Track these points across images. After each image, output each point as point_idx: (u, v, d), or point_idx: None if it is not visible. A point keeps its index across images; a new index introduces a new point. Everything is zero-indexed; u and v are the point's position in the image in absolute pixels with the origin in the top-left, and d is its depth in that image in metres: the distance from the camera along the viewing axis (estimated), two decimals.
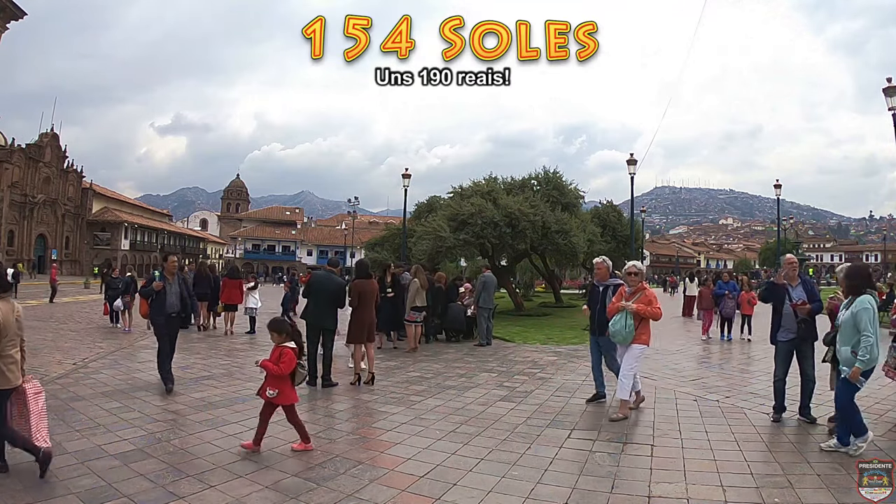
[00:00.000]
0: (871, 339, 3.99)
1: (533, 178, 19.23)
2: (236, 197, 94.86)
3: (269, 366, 4.10)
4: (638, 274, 5.53)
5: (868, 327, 4.01)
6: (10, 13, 35.33)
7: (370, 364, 6.74)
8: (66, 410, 5.03)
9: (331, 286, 6.63)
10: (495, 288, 11.36)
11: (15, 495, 3.22)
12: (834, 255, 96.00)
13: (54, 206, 45.88)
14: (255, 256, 65.89)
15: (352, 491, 3.44)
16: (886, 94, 11.14)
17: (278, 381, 4.10)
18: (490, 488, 3.51)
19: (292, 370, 4.17)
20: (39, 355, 8.05)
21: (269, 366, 4.10)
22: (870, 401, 5.56)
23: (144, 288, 6.36)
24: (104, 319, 12.49)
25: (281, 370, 4.07)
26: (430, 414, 5.33)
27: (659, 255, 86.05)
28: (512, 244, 15.72)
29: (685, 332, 13.39)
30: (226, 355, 8.58)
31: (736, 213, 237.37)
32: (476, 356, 9.08)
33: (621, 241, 21.66)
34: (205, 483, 3.50)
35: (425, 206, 21.24)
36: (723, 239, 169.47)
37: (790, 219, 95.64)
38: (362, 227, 62.30)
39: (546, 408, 5.61)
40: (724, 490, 3.49)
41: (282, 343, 4.19)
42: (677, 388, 6.56)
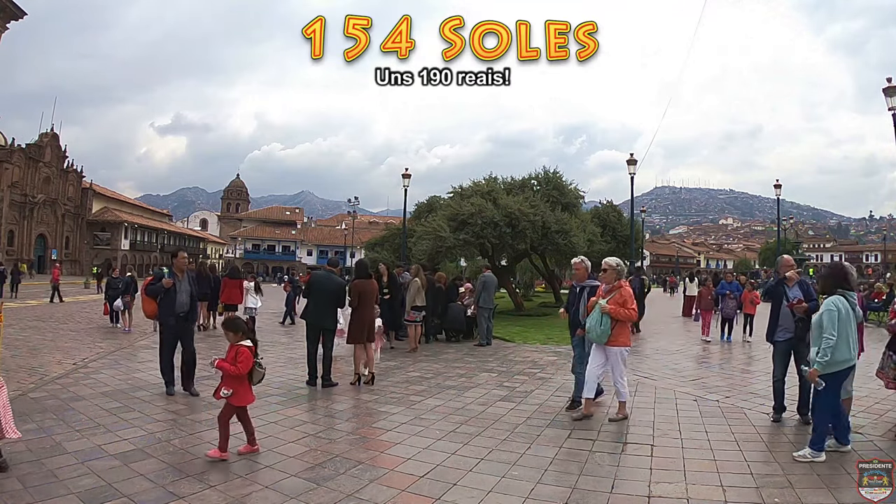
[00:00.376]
0: (830, 342, 3.91)
1: (533, 178, 19.24)
2: (236, 197, 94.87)
3: (226, 366, 3.95)
4: (610, 270, 5.26)
5: (829, 329, 3.93)
6: (10, 13, 35.33)
7: (370, 364, 6.75)
8: (66, 410, 5.03)
9: (331, 286, 6.63)
10: (495, 288, 11.36)
11: (15, 495, 3.22)
12: (834, 256, 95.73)
13: (54, 206, 45.88)
14: (255, 256, 65.94)
15: (352, 491, 3.44)
16: (886, 94, 11.15)
17: (234, 382, 3.96)
18: (490, 488, 3.51)
19: (249, 370, 4.03)
20: (39, 355, 8.05)
21: (226, 366, 3.95)
22: (870, 401, 5.57)
23: (152, 285, 5.86)
24: (104, 319, 12.49)
25: (238, 370, 3.93)
26: (430, 414, 5.33)
27: (659, 255, 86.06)
28: (512, 244, 15.72)
29: (685, 332, 13.39)
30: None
31: (736, 213, 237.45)
32: (476, 356, 9.08)
33: (621, 241, 21.66)
34: (205, 483, 3.50)
35: (425, 206, 21.25)
36: (723, 239, 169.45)
37: (790, 219, 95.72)
38: (362, 227, 62.32)
39: (546, 408, 5.61)
40: (724, 490, 3.48)
41: (237, 342, 4.05)
42: (677, 388, 6.56)
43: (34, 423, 4.58)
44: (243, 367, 3.97)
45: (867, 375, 5.84)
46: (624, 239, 21.39)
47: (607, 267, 5.28)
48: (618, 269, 5.28)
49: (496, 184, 18.13)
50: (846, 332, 3.98)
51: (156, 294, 5.79)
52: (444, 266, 18.26)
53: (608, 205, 24.02)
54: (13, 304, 16.03)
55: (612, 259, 5.42)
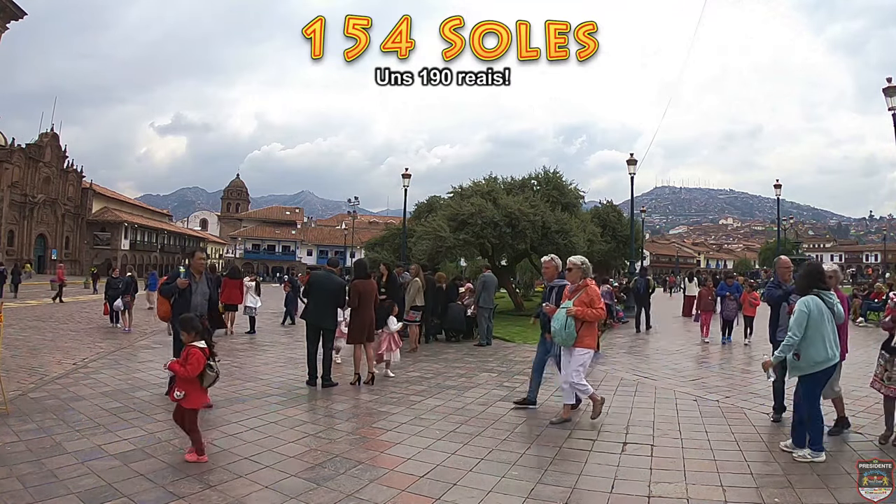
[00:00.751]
0: (792, 340, 3.99)
1: (533, 178, 19.25)
2: (236, 197, 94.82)
3: (175, 367, 3.90)
4: (575, 269, 5.08)
5: (794, 328, 4.01)
6: (10, 13, 35.35)
7: (370, 364, 6.75)
8: (66, 410, 5.03)
9: (331, 286, 6.63)
10: (495, 288, 11.36)
11: (15, 495, 3.22)
12: (834, 255, 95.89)
13: (54, 205, 45.89)
14: (255, 256, 65.93)
15: (352, 491, 3.44)
16: (886, 94, 11.12)
17: (185, 383, 3.88)
18: (490, 488, 3.51)
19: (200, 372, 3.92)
20: (39, 355, 8.06)
21: (175, 367, 3.90)
22: (870, 401, 5.57)
23: (167, 285, 5.58)
24: (104, 319, 12.51)
25: (187, 372, 3.85)
26: (430, 414, 5.33)
27: (659, 255, 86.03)
28: (512, 244, 15.73)
29: (685, 332, 13.39)
30: (226, 355, 8.57)
31: (736, 213, 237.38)
32: (476, 356, 9.08)
33: (621, 241, 21.68)
34: (205, 483, 3.50)
35: (425, 206, 21.26)
36: (723, 239, 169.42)
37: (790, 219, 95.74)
38: (362, 227, 62.32)
39: (546, 408, 5.61)
40: (724, 490, 3.48)
41: (190, 342, 3.98)
42: (677, 388, 6.56)
43: (34, 423, 4.59)
44: (192, 369, 3.87)
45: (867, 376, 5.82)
46: (624, 239, 21.39)
47: (571, 265, 5.12)
48: (583, 267, 5.12)
49: (496, 184, 18.14)
50: (821, 333, 4.01)
51: (170, 294, 5.48)
52: (444, 266, 18.26)
53: (608, 205, 24.05)
54: (13, 304, 16.03)
55: (576, 257, 5.25)
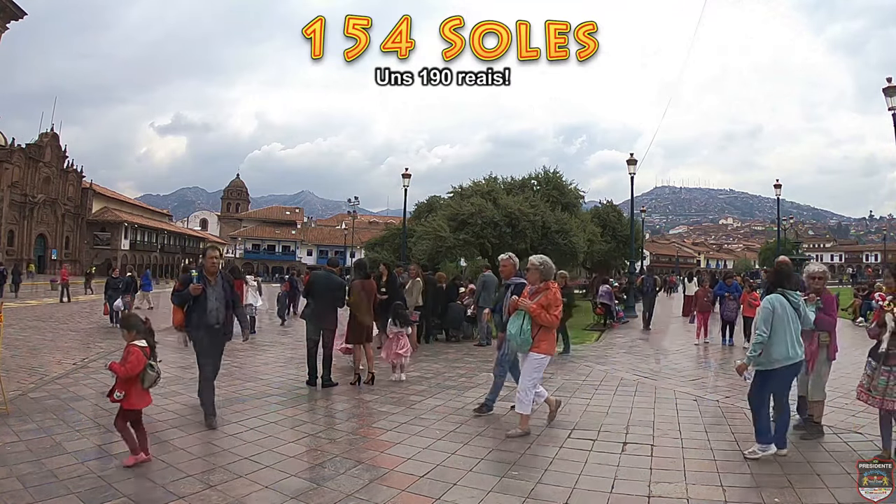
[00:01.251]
0: (760, 338, 4.03)
1: (533, 178, 19.28)
2: (236, 197, 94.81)
3: (115, 367, 3.76)
4: (533, 269, 4.74)
5: (761, 326, 4.06)
6: (10, 13, 35.38)
7: (370, 364, 6.75)
8: (66, 410, 5.03)
9: (331, 286, 6.63)
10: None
11: (15, 495, 3.22)
12: (834, 255, 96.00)
13: (54, 205, 45.91)
14: (255, 256, 65.97)
15: (352, 491, 3.44)
16: (886, 94, 11.12)
17: (125, 384, 3.75)
18: (490, 488, 3.51)
19: (140, 371, 3.77)
20: (39, 355, 8.06)
21: (115, 367, 3.76)
22: None
23: (179, 292, 4.91)
24: (104, 319, 12.50)
25: (126, 371, 3.72)
26: (430, 414, 5.33)
27: (659, 255, 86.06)
28: (512, 244, 15.74)
29: (685, 332, 13.38)
30: (226, 355, 8.47)
31: (736, 213, 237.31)
32: (476, 356, 9.08)
33: (621, 241, 21.70)
34: (205, 483, 3.50)
35: (425, 206, 21.31)
36: (723, 239, 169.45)
37: (790, 219, 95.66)
38: (362, 227, 62.33)
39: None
40: (724, 490, 3.49)
41: (131, 341, 3.83)
42: (677, 388, 6.55)
43: (34, 423, 4.59)
44: (131, 368, 3.73)
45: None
46: (624, 239, 21.41)
47: (530, 266, 4.76)
48: (541, 268, 4.74)
49: (496, 184, 18.17)
50: (783, 331, 4.06)
51: (183, 302, 4.89)
52: (444, 266, 18.27)
53: (608, 205, 24.09)
54: (13, 304, 16.03)
55: (535, 257, 4.88)
